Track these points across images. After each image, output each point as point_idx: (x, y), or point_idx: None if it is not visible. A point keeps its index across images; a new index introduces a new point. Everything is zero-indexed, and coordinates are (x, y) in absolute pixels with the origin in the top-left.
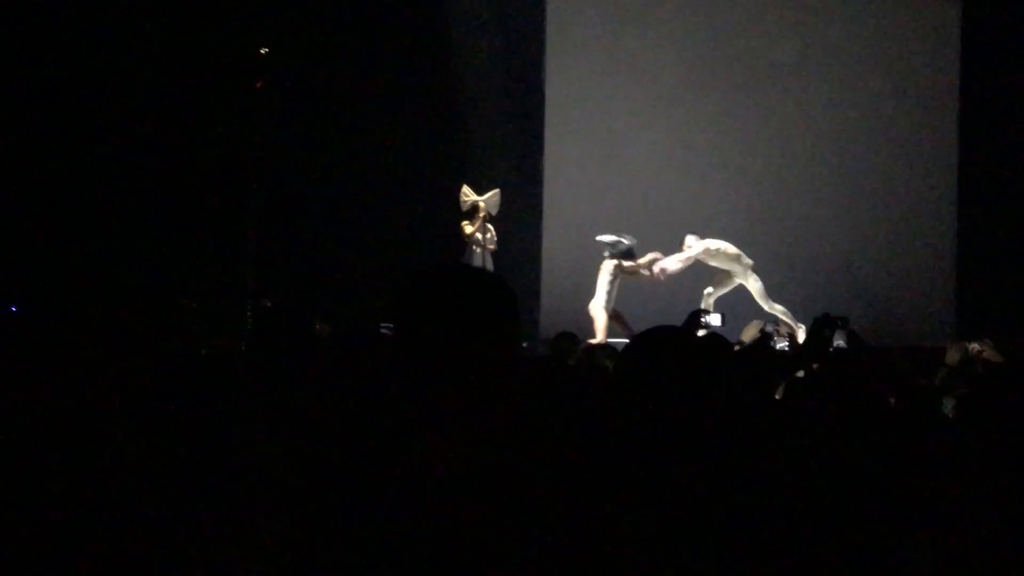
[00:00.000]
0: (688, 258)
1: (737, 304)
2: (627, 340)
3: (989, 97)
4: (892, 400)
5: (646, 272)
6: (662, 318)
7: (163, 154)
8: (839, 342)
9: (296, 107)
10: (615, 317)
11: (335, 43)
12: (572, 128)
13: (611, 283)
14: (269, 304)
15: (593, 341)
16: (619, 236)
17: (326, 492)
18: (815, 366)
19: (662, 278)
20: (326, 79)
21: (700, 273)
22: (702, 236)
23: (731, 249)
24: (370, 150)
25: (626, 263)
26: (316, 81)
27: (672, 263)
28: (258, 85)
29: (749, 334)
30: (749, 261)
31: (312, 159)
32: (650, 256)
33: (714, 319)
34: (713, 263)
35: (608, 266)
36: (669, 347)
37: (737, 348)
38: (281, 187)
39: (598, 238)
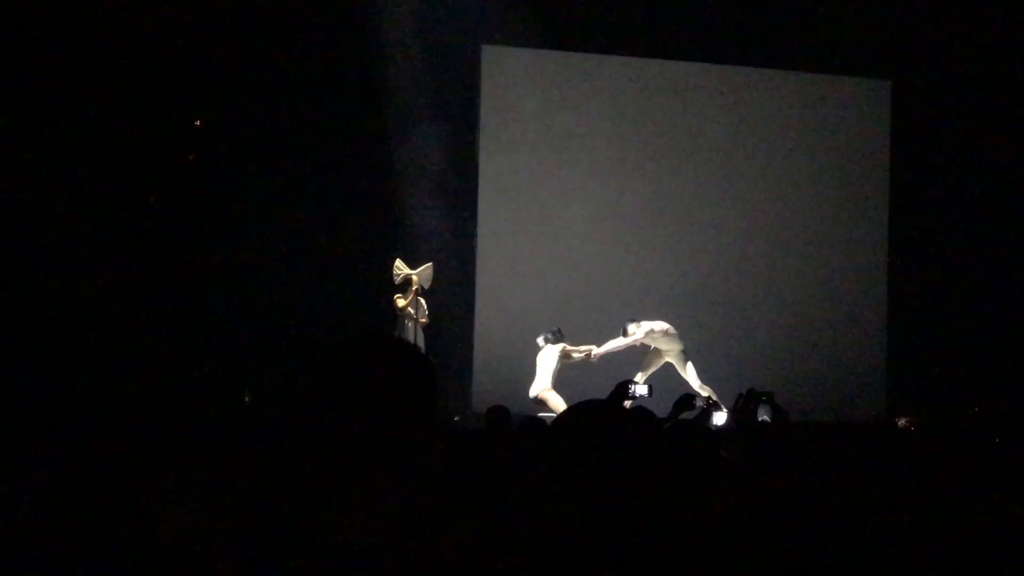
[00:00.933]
0: (631, 344)
1: (666, 377)
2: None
3: (919, 174)
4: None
5: (581, 355)
6: (596, 391)
7: (96, 221)
8: (764, 416)
9: (231, 180)
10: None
11: (270, 116)
12: (505, 203)
13: (554, 367)
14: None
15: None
16: (549, 329)
17: (242, 559)
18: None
19: (595, 361)
20: (260, 153)
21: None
22: (637, 316)
23: (671, 330)
24: (303, 222)
25: (566, 348)
26: (251, 155)
27: (611, 346)
28: (190, 158)
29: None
30: (683, 344)
31: (247, 230)
32: (586, 348)
33: (641, 389)
34: (651, 343)
35: (551, 352)
36: (596, 420)
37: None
38: (215, 258)
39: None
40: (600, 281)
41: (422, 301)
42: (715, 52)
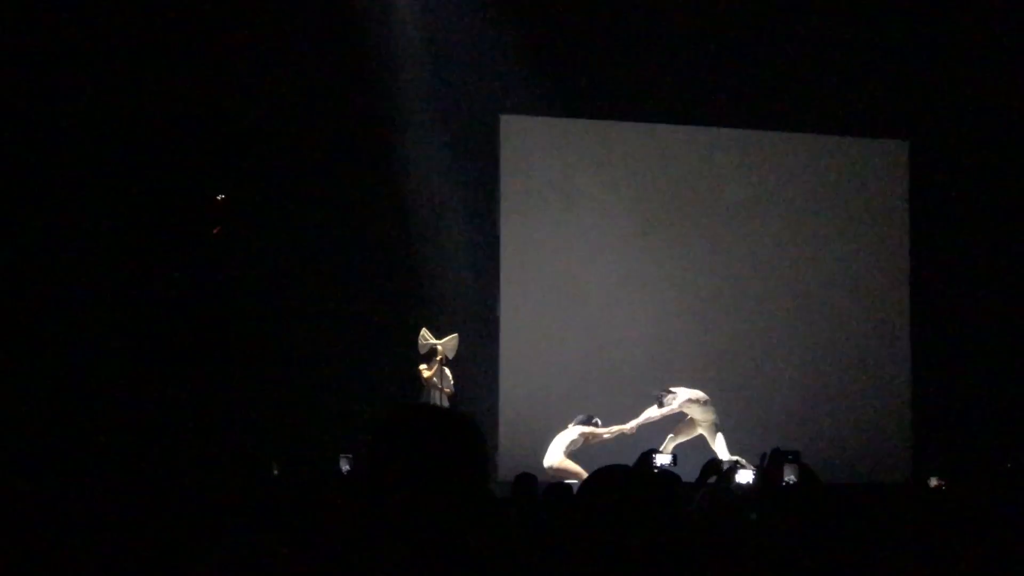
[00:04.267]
0: (667, 414)
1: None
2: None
3: (939, 235)
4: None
5: (608, 436)
6: (618, 459)
7: (122, 296)
8: (791, 476)
9: (255, 253)
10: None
11: (291, 190)
12: (527, 271)
13: (572, 443)
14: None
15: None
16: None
17: None
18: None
19: (631, 432)
20: (283, 226)
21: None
22: (667, 382)
23: (706, 399)
24: (328, 292)
25: (590, 431)
26: (274, 229)
27: (646, 417)
28: (215, 231)
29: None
30: (716, 415)
31: (272, 303)
32: (616, 428)
33: (664, 459)
34: (687, 412)
35: (572, 432)
36: (622, 484)
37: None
38: (240, 330)
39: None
40: (624, 347)
41: (447, 371)
42: (732, 116)
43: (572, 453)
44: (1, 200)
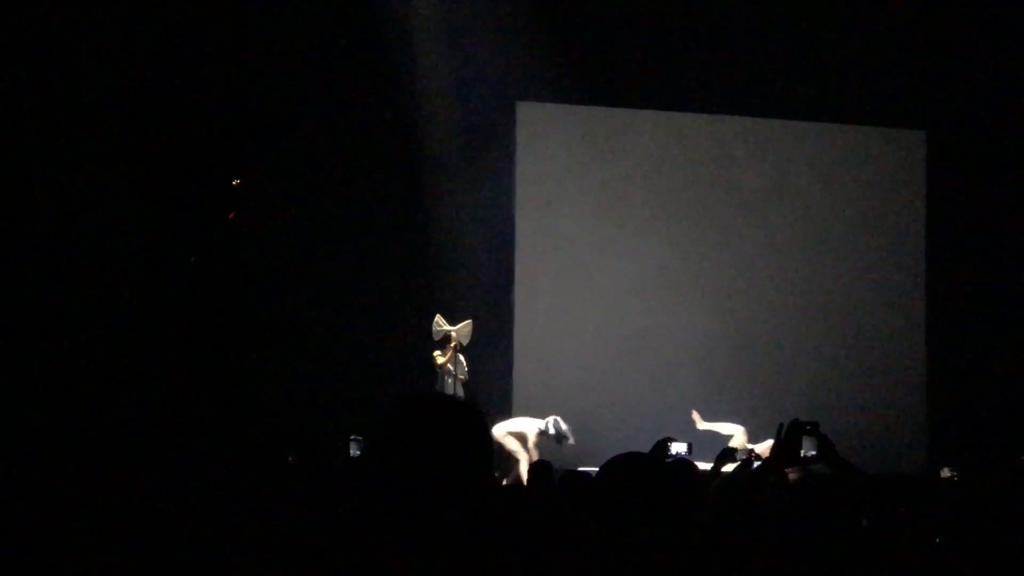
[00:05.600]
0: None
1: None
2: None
3: (955, 225)
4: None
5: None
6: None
7: (138, 282)
8: (810, 450)
9: (269, 238)
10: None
11: (307, 175)
12: (542, 258)
13: (524, 428)
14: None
15: (531, 459)
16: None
17: None
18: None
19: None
20: (298, 212)
21: (673, 404)
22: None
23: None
24: (343, 278)
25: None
26: (290, 213)
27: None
28: (230, 217)
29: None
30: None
31: (287, 290)
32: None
33: (680, 447)
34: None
35: (533, 425)
36: (639, 472)
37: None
38: (255, 316)
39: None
40: (637, 334)
41: (461, 358)
42: (749, 105)
43: (537, 444)
44: (14, 187)
